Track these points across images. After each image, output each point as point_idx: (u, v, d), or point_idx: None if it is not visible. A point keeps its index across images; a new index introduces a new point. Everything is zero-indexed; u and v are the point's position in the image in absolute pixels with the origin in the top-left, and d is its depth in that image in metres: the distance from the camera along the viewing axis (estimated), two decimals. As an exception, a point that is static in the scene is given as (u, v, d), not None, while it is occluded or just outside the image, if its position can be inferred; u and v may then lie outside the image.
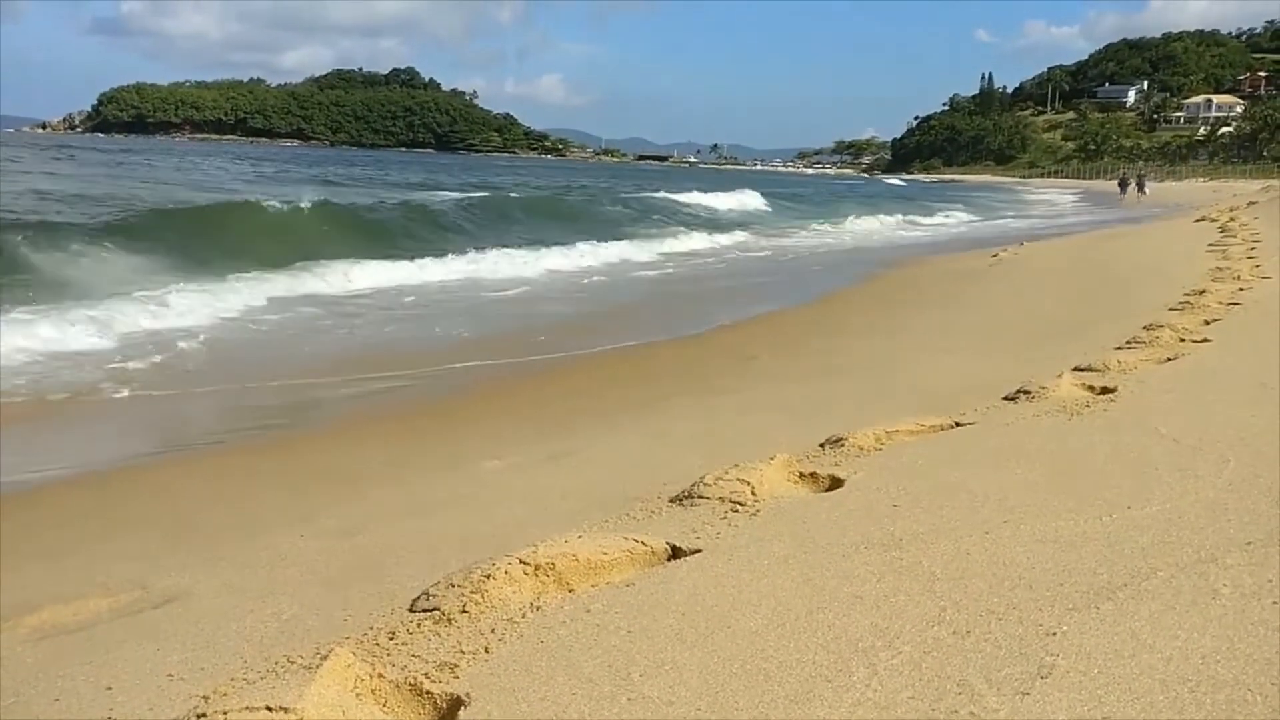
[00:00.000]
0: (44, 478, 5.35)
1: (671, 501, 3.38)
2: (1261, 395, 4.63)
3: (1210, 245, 15.45)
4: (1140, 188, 54.61)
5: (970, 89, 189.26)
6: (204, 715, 1.97)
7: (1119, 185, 59.64)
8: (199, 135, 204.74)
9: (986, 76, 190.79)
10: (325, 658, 2.15)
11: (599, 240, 21.91)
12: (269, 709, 1.94)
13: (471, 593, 2.50)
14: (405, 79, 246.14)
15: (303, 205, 21.98)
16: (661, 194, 38.82)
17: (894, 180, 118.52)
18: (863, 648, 2.16)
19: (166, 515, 4.66)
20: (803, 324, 11.40)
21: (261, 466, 5.56)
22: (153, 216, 19.02)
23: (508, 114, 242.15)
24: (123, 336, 9.44)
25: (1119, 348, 6.22)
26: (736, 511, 3.18)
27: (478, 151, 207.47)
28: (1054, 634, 2.17)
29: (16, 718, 2.36)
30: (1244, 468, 3.37)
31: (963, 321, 10.42)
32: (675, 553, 2.82)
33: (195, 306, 11.10)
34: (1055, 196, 71.80)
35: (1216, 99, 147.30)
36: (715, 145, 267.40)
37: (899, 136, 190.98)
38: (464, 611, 2.43)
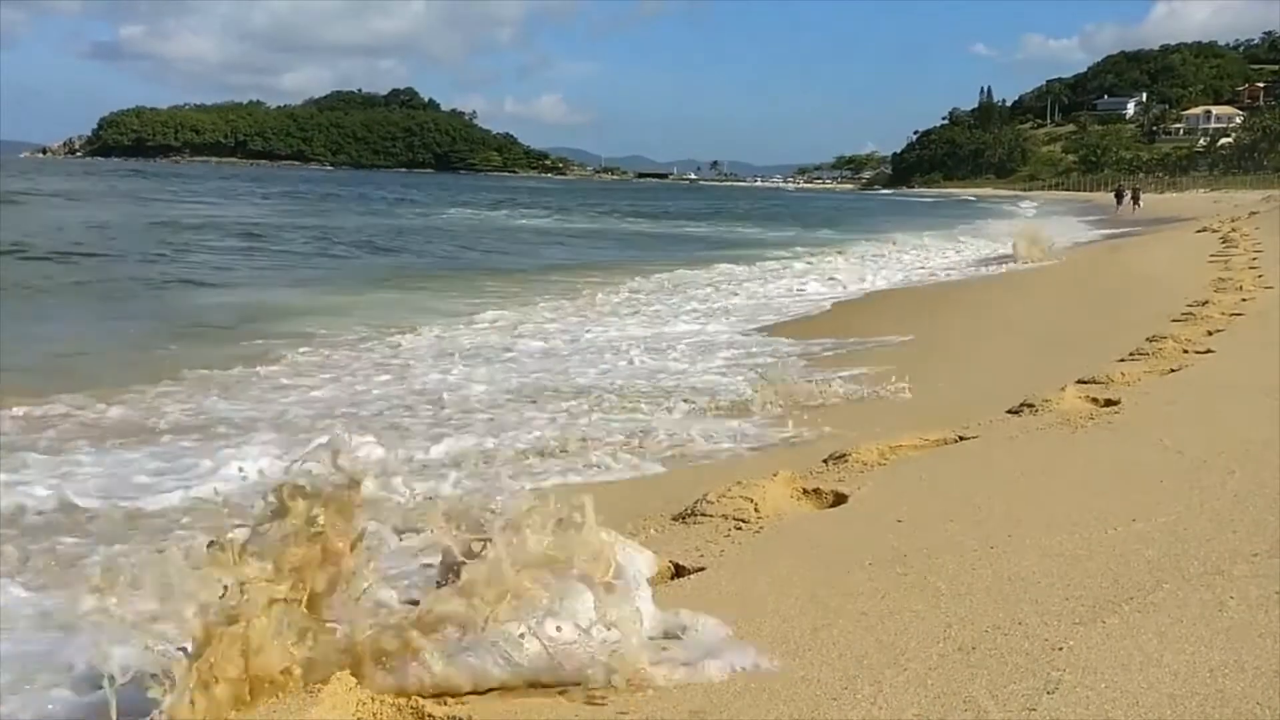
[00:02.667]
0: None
1: (674, 519, 3.36)
2: (1266, 406, 4.61)
3: (1212, 256, 15.43)
4: (1135, 200, 55.25)
5: (969, 103, 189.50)
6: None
7: (1115, 197, 60.49)
8: (199, 158, 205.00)
9: (985, 90, 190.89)
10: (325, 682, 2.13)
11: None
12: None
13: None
14: (404, 99, 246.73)
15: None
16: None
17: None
18: (868, 665, 2.14)
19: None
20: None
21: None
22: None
23: (507, 133, 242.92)
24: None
25: (1122, 359, 6.21)
26: (740, 529, 3.16)
27: (478, 171, 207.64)
28: (1060, 649, 2.16)
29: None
30: (1249, 479, 3.36)
31: (964, 334, 10.41)
32: (679, 571, 2.80)
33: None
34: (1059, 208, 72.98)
35: (1215, 110, 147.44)
36: (715, 162, 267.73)
37: (899, 151, 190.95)
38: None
